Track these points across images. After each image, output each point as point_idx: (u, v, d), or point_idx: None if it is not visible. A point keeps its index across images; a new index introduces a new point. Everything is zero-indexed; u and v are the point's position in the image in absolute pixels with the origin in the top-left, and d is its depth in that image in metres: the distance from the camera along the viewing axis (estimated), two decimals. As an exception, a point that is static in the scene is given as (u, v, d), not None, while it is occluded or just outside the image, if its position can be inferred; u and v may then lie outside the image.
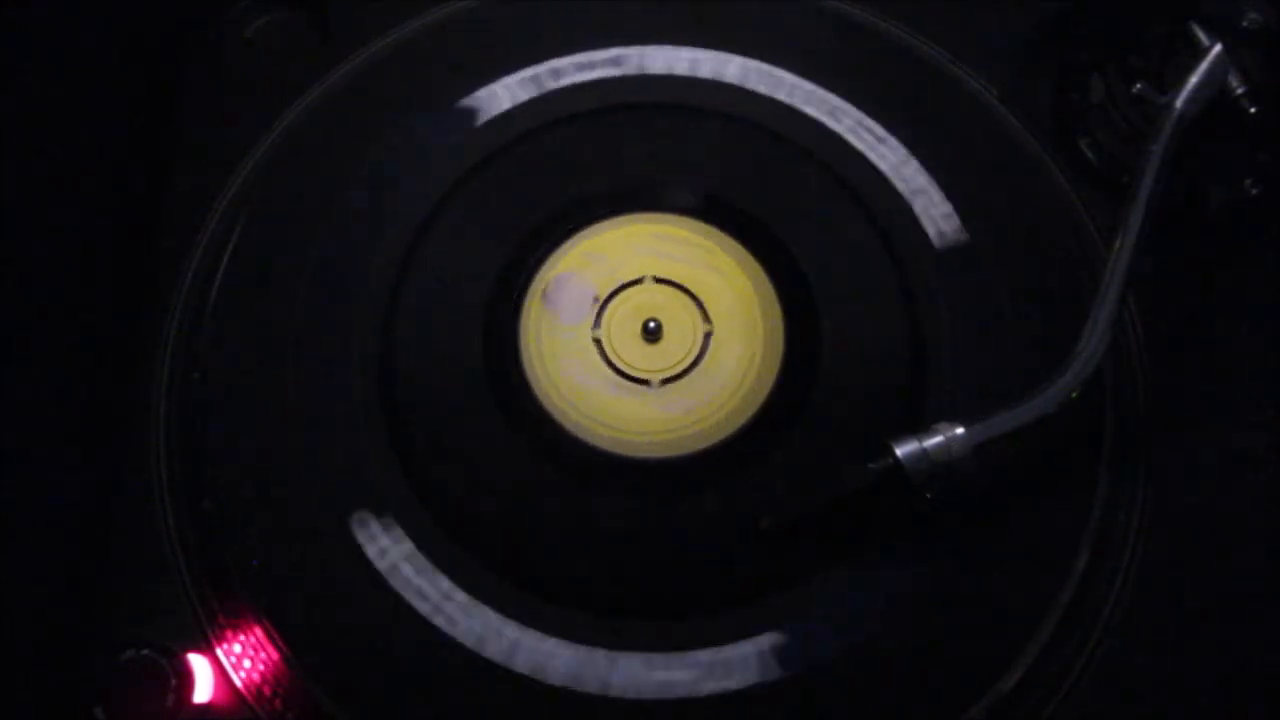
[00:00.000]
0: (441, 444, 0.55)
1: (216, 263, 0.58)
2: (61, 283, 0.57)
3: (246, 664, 0.52)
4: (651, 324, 0.57)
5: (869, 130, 0.61)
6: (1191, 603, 0.54)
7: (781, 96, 0.61)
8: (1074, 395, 0.50)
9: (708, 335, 0.57)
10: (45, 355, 0.56)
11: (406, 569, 0.53)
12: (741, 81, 0.62)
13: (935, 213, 0.59)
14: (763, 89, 0.62)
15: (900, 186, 0.59)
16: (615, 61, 0.63)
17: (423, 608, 0.52)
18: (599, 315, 0.58)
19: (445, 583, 0.52)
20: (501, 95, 0.61)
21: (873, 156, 0.60)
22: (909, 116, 0.61)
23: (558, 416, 0.56)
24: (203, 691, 0.52)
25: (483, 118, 0.61)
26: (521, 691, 0.51)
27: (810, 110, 0.61)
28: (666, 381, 0.57)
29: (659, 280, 0.58)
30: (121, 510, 0.55)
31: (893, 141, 0.60)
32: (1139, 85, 0.57)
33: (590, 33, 0.63)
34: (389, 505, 0.53)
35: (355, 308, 0.57)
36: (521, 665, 0.51)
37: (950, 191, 0.59)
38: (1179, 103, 0.54)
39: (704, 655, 0.51)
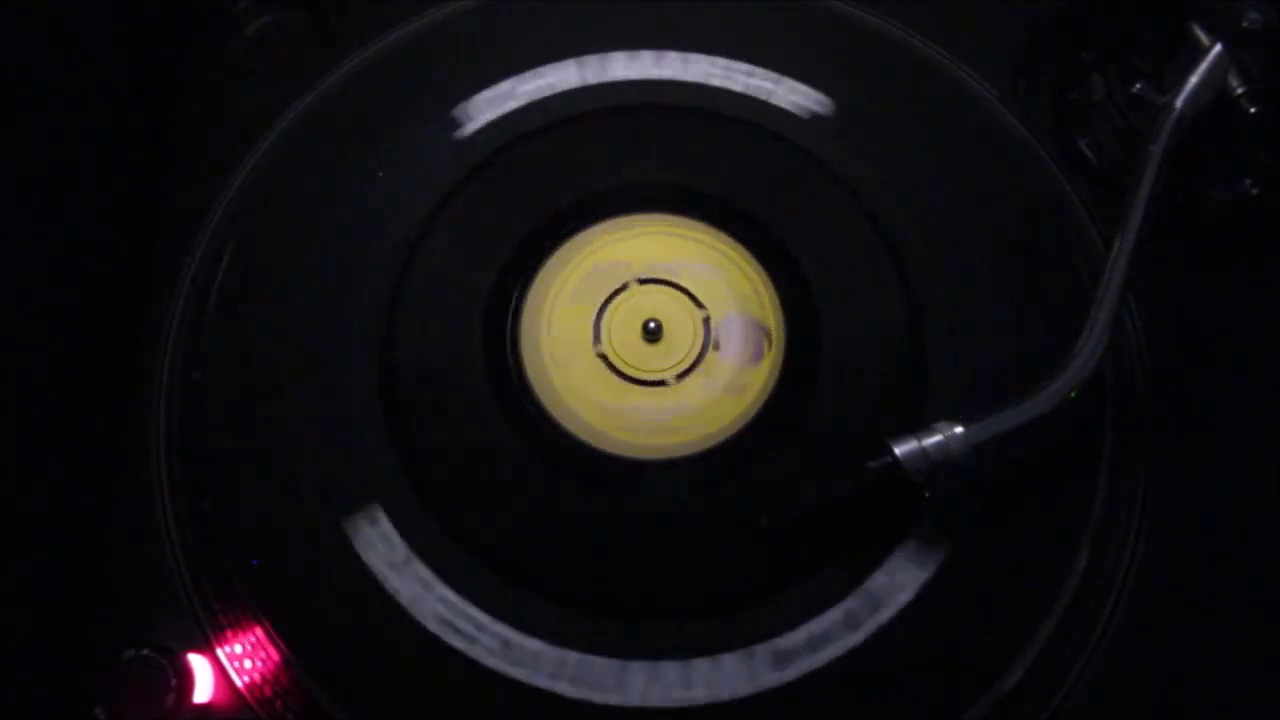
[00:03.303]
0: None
1: (217, 263, 0.58)
2: (61, 283, 0.57)
3: (246, 664, 0.52)
4: (651, 324, 0.57)
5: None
6: (1191, 603, 0.54)
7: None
8: (1073, 395, 0.50)
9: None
10: (45, 355, 0.56)
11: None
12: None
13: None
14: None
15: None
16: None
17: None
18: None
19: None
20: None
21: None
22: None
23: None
24: (203, 691, 0.52)
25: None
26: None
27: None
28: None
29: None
30: (121, 510, 0.55)
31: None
32: (1139, 85, 0.57)
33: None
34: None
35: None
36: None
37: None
38: (1179, 103, 0.54)
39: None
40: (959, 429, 0.50)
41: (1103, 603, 0.54)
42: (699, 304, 0.58)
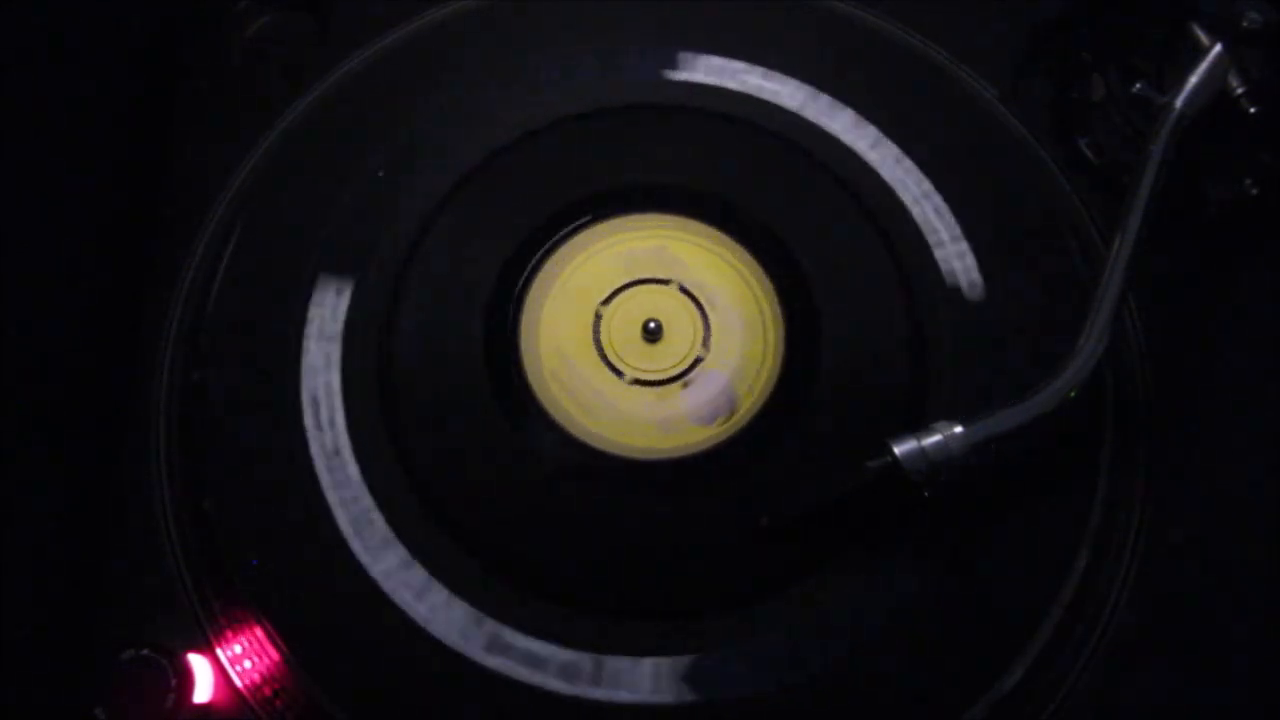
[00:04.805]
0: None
1: (217, 262, 0.58)
2: (62, 282, 0.57)
3: (246, 664, 0.52)
4: (651, 324, 0.57)
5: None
6: (1192, 603, 0.54)
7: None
8: (1072, 395, 0.50)
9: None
10: (46, 355, 0.56)
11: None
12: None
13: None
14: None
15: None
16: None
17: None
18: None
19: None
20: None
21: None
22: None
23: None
24: (203, 691, 0.52)
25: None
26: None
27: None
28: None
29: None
30: (121, 510, 0.55)
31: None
32: (1139, 85, 0.57)
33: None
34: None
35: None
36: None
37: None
38: (1179, 103, 0.54)
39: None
40: (959, 429, 0.50)
41: (1103, 603, 0.54)
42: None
